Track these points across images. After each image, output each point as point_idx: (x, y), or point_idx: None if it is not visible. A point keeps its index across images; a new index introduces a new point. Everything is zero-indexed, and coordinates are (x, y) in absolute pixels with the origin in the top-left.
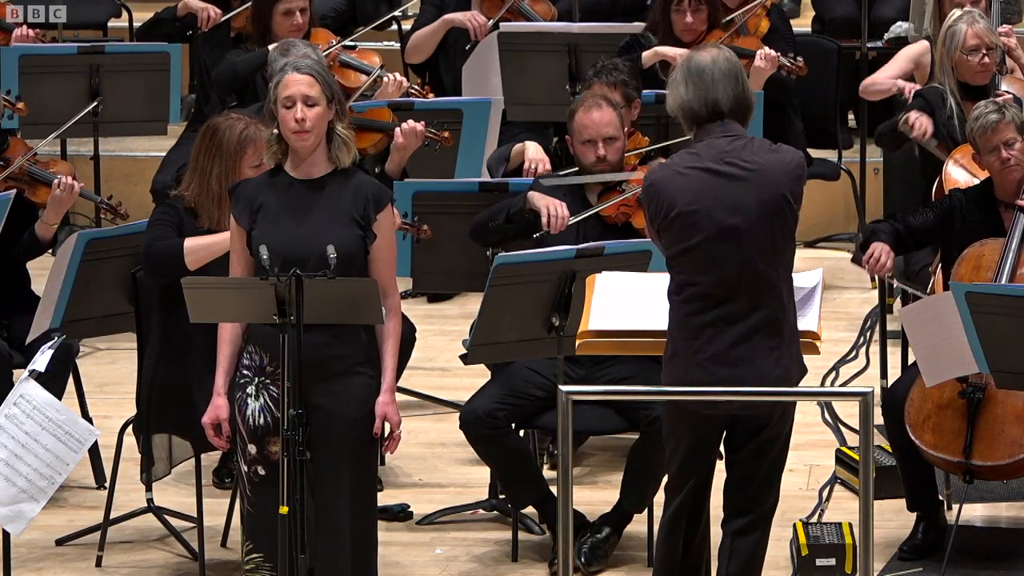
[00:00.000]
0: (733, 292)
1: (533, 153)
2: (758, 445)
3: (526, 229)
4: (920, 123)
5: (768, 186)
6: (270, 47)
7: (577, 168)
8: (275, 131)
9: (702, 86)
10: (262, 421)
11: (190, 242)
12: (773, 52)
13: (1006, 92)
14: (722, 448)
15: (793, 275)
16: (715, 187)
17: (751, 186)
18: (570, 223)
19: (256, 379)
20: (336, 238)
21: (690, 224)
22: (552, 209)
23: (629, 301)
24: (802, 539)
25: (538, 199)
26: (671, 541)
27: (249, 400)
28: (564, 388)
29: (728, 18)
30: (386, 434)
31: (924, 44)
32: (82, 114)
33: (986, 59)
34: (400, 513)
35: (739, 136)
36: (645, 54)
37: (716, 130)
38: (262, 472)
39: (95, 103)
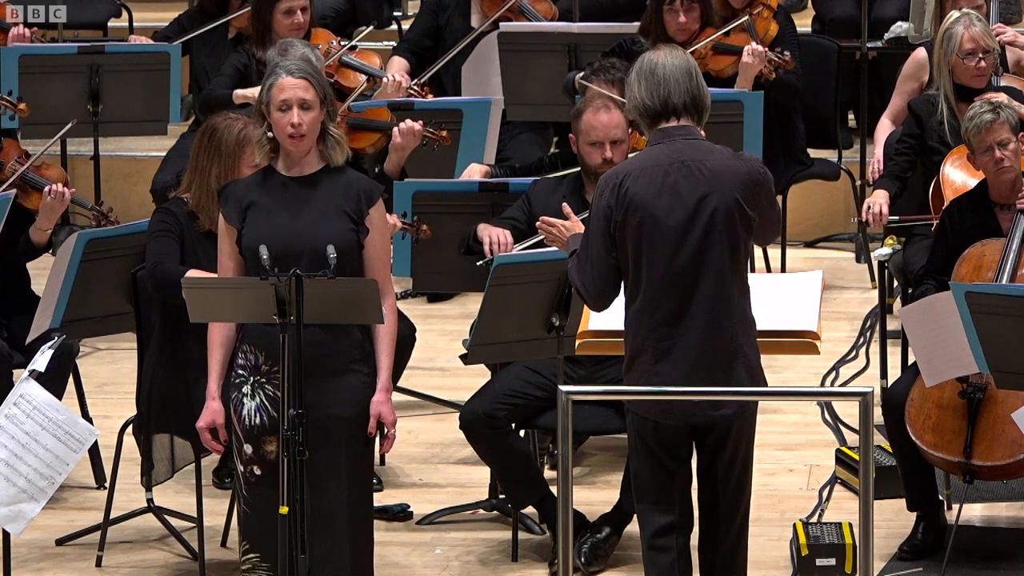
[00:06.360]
0: (685, 296)
1: (487, 233)
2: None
3: (481, 258)
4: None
5: (722, 191)
6: (235, 95)
7: (580, 168)
8: (268, 133)
9: (654, 83)
10: (258, 421)
11: (191, 276)
12: (760, 47)
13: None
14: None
15: (793, 275)
16: (670, 189)
17: (705, 190)
18: (523, 245)
19: (251, 379)
20: (330, 233)
21: (646, 225)
22: (494, 237)
23: None
24: (802, 539)
25: (482, 230)
26: None
27: (245, 400)
28: (564, 388)
29: (737, 22)
30: (381, 434)
31: (917, 58)
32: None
33: (982, 63)
34: (400, 513)
35: (696, 139)
36: None
37: (672, 132)
38: (258, 472)
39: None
